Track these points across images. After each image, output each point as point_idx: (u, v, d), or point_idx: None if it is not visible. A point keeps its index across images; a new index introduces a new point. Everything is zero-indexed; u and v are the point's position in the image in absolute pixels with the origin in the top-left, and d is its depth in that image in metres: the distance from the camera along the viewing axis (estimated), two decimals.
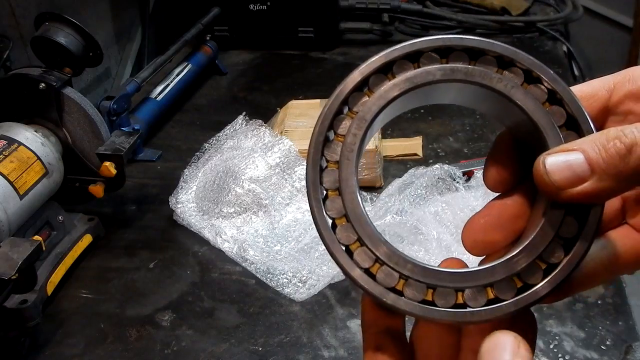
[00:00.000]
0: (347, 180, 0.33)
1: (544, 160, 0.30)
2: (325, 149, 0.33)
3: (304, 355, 0.81)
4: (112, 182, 0.97)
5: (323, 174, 0.33)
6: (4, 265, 0.75)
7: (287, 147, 1.07)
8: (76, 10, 1.46)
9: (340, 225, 0.32)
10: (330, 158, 0.33)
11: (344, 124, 0.33)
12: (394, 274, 0.32)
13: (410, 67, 0.33)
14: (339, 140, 0.33)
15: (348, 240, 0.32)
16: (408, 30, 1.73)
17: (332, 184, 0.33)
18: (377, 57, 0.33)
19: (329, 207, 0.32)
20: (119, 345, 0.84)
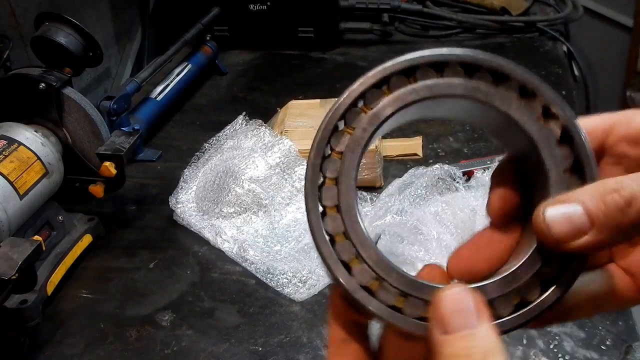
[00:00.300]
0: (347, 172, 0.32)
1: (544, 211, 0.30)
2: (333, 138, 0.33)
3: (304, 355, 0.81)
4: (112, 182, 0.97)
5: (325, 161, 0.33)
6: (4, 265, 0.75)
7: (287, 147, 1.07)
8: (76, 10, 1.46)
9: (329, 214, 0.32)
10: (335, 147, 0.33)
11: (356, 117, 0.33)
12: (370, 273, 0.32)
13: (433, 75, 0.33)
14: (348, 132, 0.33)
15: (334, 230, 0.32)
16: (408, 30, 1.73)
17: (332, 172, 0.33)
18: (402, 59, 0.32)
19: (324, 194, 0.32)
20: (119, 345, 0.84)
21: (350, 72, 1.55)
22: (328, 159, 0.33)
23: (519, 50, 1.59)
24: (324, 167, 0.33)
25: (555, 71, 1.47)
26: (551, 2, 1.80)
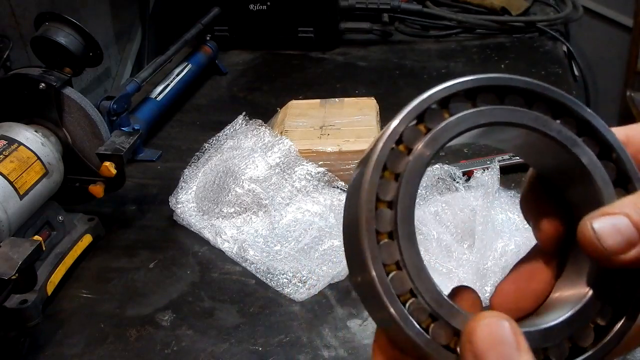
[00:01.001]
0: (407, 194, 0.30)
1: (592, 224, 0.29)
2: (388, 161, 0.30)
3: (304, 355, 0.81)
4: (112, 182, 0.97)
5: (382, 182, 0.30)
6: (4, 265, 0.75)
7: (287, 147, 1.07)
8: (76, 10, 1.46)
9: (384, 241, 0.29)
10: (391, 166, 0.30)
11: (414, 137, 0.30)
12: (426, 309, 0.30)
13: (494, 100, 0.31)
14: (402, 151, 0.30)
15: (383, 229, 0.30)
16: (408, 30, 1.73)
17: (390, 194, 0.30)
18: (461, 81, 0.31)
19: (378, 221, 0.30)
20: (119, 345, 0.84)
21: (350, 72, 1.55)
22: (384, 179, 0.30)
23: (519, 50, 1.59)
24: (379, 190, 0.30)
25: (555, 71, 1.47)
26: (551, 2, 1.80)
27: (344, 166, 1.07)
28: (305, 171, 1.05)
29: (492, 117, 0.31)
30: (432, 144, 0.30)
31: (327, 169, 1.06)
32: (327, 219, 1.00)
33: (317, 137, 1.10)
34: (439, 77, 1.49)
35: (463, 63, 1.54)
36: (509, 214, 0.93)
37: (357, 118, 1.15)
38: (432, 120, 0.30)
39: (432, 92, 0.30)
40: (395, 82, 1.49)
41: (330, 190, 1.05)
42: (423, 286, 0.30)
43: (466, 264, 0.86)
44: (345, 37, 1.69)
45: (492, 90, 0.31)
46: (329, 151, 1.06)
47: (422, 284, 0.30)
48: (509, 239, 0.87)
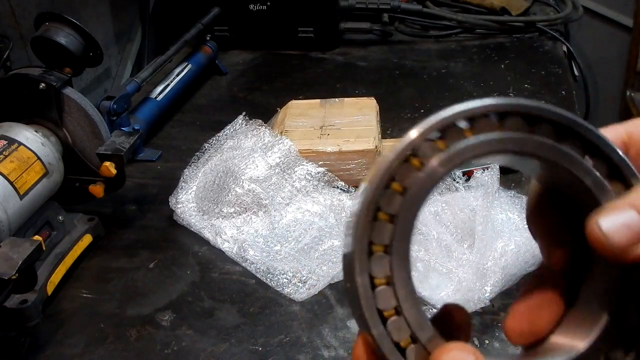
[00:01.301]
0: (410, 210, 0.29)
1: (598, 222, 0.28)
2: (399, 170, 0.29)
3: (304, 355, 0.81)
4: (112, 182, 0.97)
5: (386, 193, 0.29)
6: (4, 265, 0.75)
7: (287, 147, 1.07)
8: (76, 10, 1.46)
9: (378, 253, 0.29)
10: (399, 178, 0.29)
11: (428, 151, 0.29)
12: (406, 330, 0.29)
13: (523, 127, 0.30)
14: (415, 164, 0.29)
15: (381, 274, 0.29)
16: (408, 30, 1.73)
17: (393, 207, 0.29)
18: (491, 102, 0.29)
19: (376, 232, 0.29)
20: (119, 345, 0.84)
21: (350, 72, 1.55)
22: (388, 191, 0.29)
23: (519, 50, 1.59)
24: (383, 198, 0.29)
25: (555, 71, 1.47)
26: (551, 2, 1.80)
27: (344, 166, 1.07)
28: (305, 171, 1.05)
29: (519, 146, 0.29)
30: (448, 162, 0.29)
31: (327, 169, 1.06)
32: (327, 219, 1.00)
33: (317, 137, 1.10)
34: (439, 77, 1.49)
35: (463, 63, 1.54)
36: (509, 214, 0.93)
37: (357, 118, 1.15)
38: (453, 137, 0.29)
39: (458, 108, 0.29)
40: (395, 82, 1.49)
41: (330, 190, 1.05)
42: (408, 306, 0.29)
43: (466, 264, 0.86)
44: (345, 37, 1.69)
45: (522, 116, 0.29)
46: (329, 151, 1.06)
47: (407, 304, 0.29)
48: (509, 239, 0.87)
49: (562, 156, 0.30)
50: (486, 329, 0.82)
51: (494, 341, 0.80)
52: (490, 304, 0.83)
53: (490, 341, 0.80)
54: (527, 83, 1.42)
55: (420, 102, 1.37)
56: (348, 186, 1.06)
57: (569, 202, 0.33)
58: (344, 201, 1.03)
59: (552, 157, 0.30)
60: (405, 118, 1.31)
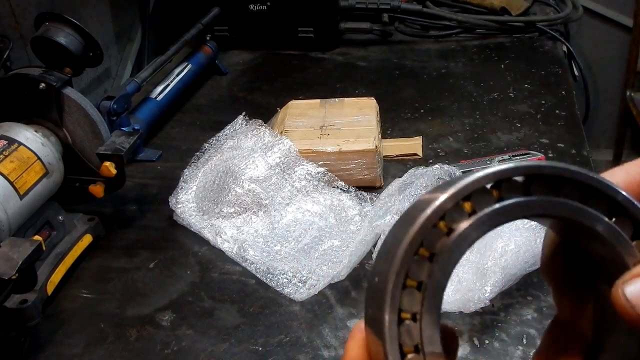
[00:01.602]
0: (442, 273, 0.28)
1: (623, 290, 0.27)
2: (426, 238, 0.28)
3: (304, 355, 0.81)
4: (112, 182, 0.97)
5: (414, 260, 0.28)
6: (4, 265, 0.75)
7: (287, 147, 1.07)
8: (76, 10, 1.46)
9: (406, 319, 0.28)
10: (427, 244, 0.28)
11: (458, 217, 0.28)
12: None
13: (549, 190, 0.29)
14: (442, 227, 0.28)
15: (409, 344, 0.28)
16: (408, 31, 1.73)
17: (422, 274, 0.28)
18: (518, 166, 0.29)
19: (405, 300, 0.28)
20: (119, 345, 0.84)
21: (350, 72, 1.55)
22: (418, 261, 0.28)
23: (519, 50, 1.59)
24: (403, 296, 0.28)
25: (555, 71, 1.47)
26: (551, 2, 1.80)
27: (344, 166, 1.07)
28: (305, 171, 1.05)
29: (545, 209, 0.29)
30: (480, 226, 0.28)
31: (327, 169, 1.06)
32: (327, 219, 1.00)
33: (317, 137, 1.10)
34: (439, 77, 1.49)
35: (463, 63, 1.54)
36: None
37: (357, 118, 1.15)
38: (481, 201, 0.29)
39: (486, 173, 0.29)
40: (395, 82, 1.49)
41: (330, 190, 1.05)
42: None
43: (466, 264, 0.86)
44: (345, 37, 1.69)
45: (547, 178, 0.29)
46: (329, 151, 1.06)
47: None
48: (509, 239, 0.87)
49: (587, 217, 0.29)
50: (486, 329, 0.82)
51: (494, 341, 0.80)
52: (490, 304, 0.83)
53: (490, 341, 0.80)
54: (527, 83, 1.42)
55: (420, 102, 1.37)
56: (348, 186, 1.06)
57: (590, 258, 0.32)
58: (344, 201, 1.03)
59: (578, 219, 0.29)
60: (405, 118, 1.31)
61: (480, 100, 1.36)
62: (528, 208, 0.29)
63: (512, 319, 0.83)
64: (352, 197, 1.04)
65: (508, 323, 0.82)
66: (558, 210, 0.29)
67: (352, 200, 1.04)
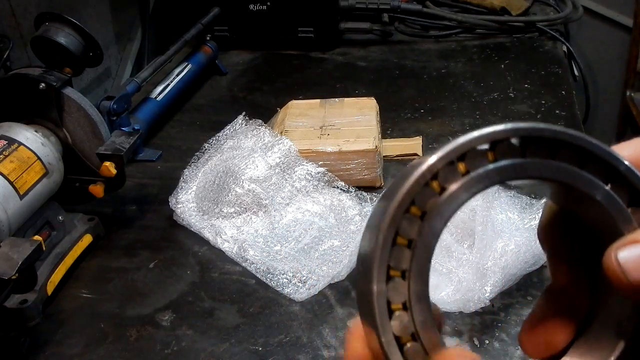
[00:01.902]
0: (430, 234, 0.28)
1: (616, 255, 0.27)
2: (419, 193, 0.28)
3: (304, 355, 0.81)
4: (112, 182, 0.97)
5: (405, 217, 0.28)
6: (4, 265, 0.75)
7: (287, 147, 1.07)
8: (76, 10, 1.46)
9: (394, 277, 0.28)
10: (419, 202, 0.28)
11: (451, 176, 0.28)
12: None
13: (545, 153, 0.29)
14: (435, 188, 0.28)
15: (397, 300, 0.28)
16: (408, 30, 1.73)
17: (413, 233, 0.28)
18: (512, 127, 0.29)
19: (394, 258, 0.28)
20: (119, 345, 0.84)
21: (350, 72, 1.55)
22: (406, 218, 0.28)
23: (519, 50, 1.59)
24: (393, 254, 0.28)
25: (555, 71, 1.47)
26: (551, 2, 1.80)
27: (344, 166, 1.07)
28: (305, 171, 1.05)
29: (540, 172, 0.29)
30: (472, 186, 0.28)
31: (327, 169, 1.06)
32: (327, 219, 1.00)
33: (317, 137, 1.10)
34: (439, 77, 1.49)
35: (463, 63, 1.54)
36: (509, 214, 0.93)
37: (357, 118, 1.15)
38: (475, 162, 0.28)
39: (480, 133, 0.29)
40: (395, 82, 1.49)
41: (330, 190, 1.05)
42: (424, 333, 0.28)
43: (466, 264, 0.86)
44: (345, 37, 1.69)
45: (544, 140, 0.29)
46: (329, 151, 1.07)
47: (425, 334, 0.28)
48: (509, 239, 0.87)
49: (584, 182, 0.29)
50: (486, 329, 0.82)
51: (494, 341, 0.80)
52: (490, 304, 0.83)
53: (490, 341, 0.80)
54: (527, 83, 1.42)
55: (420, 102, 1.37)
56: (348, 186, 1.06)
57: (586, 225, 0.32)
58: (344, 201, 1.03)
59: (574, 183, 0.29)
60: (405, 118, 1.31)
61: (480, 100, 1.36)
62: (522, 170, 0.29)
63: (512, 319, 0.83)
64: (352, 197, 1.04)
65: (508, 323, 0.82)
66: (553, 174, 0.29)
67: (352, 200, 1.04)
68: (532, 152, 0.29)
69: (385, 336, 0.28)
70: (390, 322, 0.28)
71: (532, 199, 0.97)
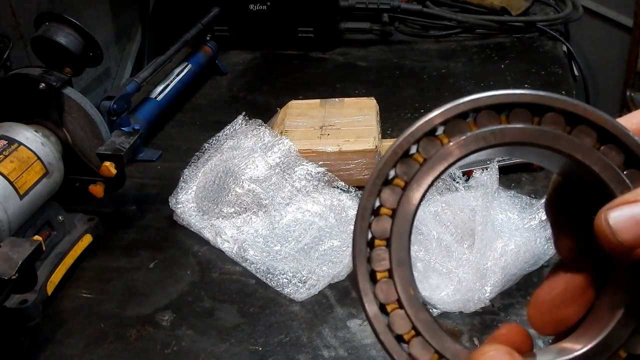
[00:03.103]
0: (409, 202, 0.29)
1: (607, 216, 0.26)
2: (399, 164, 0.30)
3: (304, 355, 0.81)
4: (112, 182, 0.97)
5: (386, 188, 0.29)
6: (4, 265, 0.75)
7: (287, 147, 1.07)
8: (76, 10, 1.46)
9: (378, 246, 0.30)
10: (400, 173, 0.29)
11: (432, 148, 0.29)
12: (407, 323, 0.29)
13: (528, 118, 0.29)
14: (415, 160, 0.29)
15: (380, 267, 0.30)
16: (408, 30, 1.73)
17: (391, 203, 0.30)
18: (493, 94, 0.29)
19: (374, 227, 0.30)
20: (119, 345, 0.84)
21: (350, 72, 1.55)
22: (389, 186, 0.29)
23: (519, 50, 1.59)
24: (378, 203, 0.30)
25: (555, 71, 1.47)
26: (551, 2, 1.80)
27: (344, 166, 1.07)
28: (305, 171, 1.05)
29: (523, 137, 0.29)
30: (451, 154, 0.29)
31: (327, 169, 1.06)
32: (327, 219, 1.00)
33: (317, 137, 1.10)
34: (439, 77, 1.49)
35: (463, 63, 1.54)
36: (509, 214, 0.93)
37: (357, 118, 1.15)
38: (454, 131, 0.29)
39: (461, 101, 0.29)
40: (395, 82, 1.49)
41: (330, 190, 1.05)
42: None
43: (466, 264, 0.86)
44: (345, 37, 1.69)
45: (530, 106, 0.29)
46: (329, 151, 1.06)
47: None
48: (508, 239, 0.87)
49: (572, 147, 0.29)
50: (486, 329, 0.82)
51: None
52: (490, 304, 0.83)
53: None
54: (527, 83, 1.42)
55: (420, 102, 1.37)
56: (348, 186, 1.06)
57: (587, 193, 0.32)
58: (344, 201, 1.03)
59: (562, 148, 0.29)
60: (405, 118, 1.31)
61: None
62: (501, 135, 0.29)
63: (512, 319, 0.83)
64: (352, 197, 1.04)
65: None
66: (533, 138, 0.29)
67: (352, 200, 1.04)
68: (516, 119, 0.29)
69: (369, 305, 0.29)
70: (374, 287, 0.29)
71: (532, 199, 0.97)
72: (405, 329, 0.29)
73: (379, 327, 0.29)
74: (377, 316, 0.29)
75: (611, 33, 2.38)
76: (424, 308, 0.29)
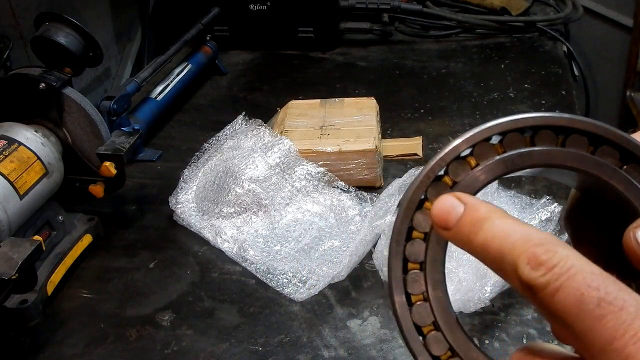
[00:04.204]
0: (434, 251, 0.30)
1: (635, 234, 0.27)
2: (430, 188, 0.30)
3: (304, 355, 0.81)
4: (112, 182, 0.97)
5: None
6: (4, 265, 0.75)
7: (287, 147, 1.07)
8: (76, 10, 1.46)
9: (412, 270, 0.30)
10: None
11: (462, 170, 0.30)
12: (444, 343, 0.30)
13: (554, 140, 0.30)
14: (445, 183, 0.30)
15: (415, 291, 0.30)
16: (408, 30, 1.73)
17: (423, 227, 0.30)
18: (522, 117, 0.30)
19: (409, 251, 0.30)
20: (119, 345, 0.84)
21: (350, 72, 1.55)
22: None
23: (519, 50, 1.59)
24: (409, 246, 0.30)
25: (555, 71, 1.47)
26: (551, 2, 1.80)
27: (344, 166, 1.07)
28: (305, 171, 1.05)
29: (549, 160, 0.30)
30: (481, 176, 0.30)
31: (327, 169, 1.06)
32: (327, 219, 1.00)
33: (317, 137, 1.10)
34: (439, 77, 1.49)
35: (463, 63, 1.54)
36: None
37: (357, 118, 1.15)
38: (484, 155, 0.30)
39: (492, 124, 0.30)
40: (395, 82, 1.49)
41: (330, 190, 1.05)
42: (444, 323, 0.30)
43: (466, 264, 0.86)
44: (345, 37, 1.69)
45: (553, 129, 0.30)
46: (329, 151, 1.06)
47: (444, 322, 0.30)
48: None
49: (598, 167, 0.30)
50: (486, 329, 0.82)
51: (494, 341, 0.80)
52: (490, 304, 0.83)
53: (490, 341, 0.80)
54: (527, 83, 1.42)
55: (420, 102, 1.37)
56: (348, 186, 1.06)
57: (609, 209, 0.32)
58: (344, 201, 1.03)
59: (588, 169, 0.30)
60: (405, 118, 1.31)
61: (480, 100, 1.36)
62: (529, 158, 0.30)
63: (512, 319, 0.83)
64: (352, 197, 1.04)
65: (508, 323, 0.82)
66: (560, 160, 0.30)
67: (352, 200, 1.04)
68: (541, 141, 0.30)
69: (405, 323, 0.29)
70: (411, 310, 0.29)
71: (532, 199, 0.97)
72: (441, 351, 0.30)
73: (416, 347, 0.30)
74: (414, 336, 0.30)
75: (611, 33, 2.38)
76: (459, 328, 0.30)
